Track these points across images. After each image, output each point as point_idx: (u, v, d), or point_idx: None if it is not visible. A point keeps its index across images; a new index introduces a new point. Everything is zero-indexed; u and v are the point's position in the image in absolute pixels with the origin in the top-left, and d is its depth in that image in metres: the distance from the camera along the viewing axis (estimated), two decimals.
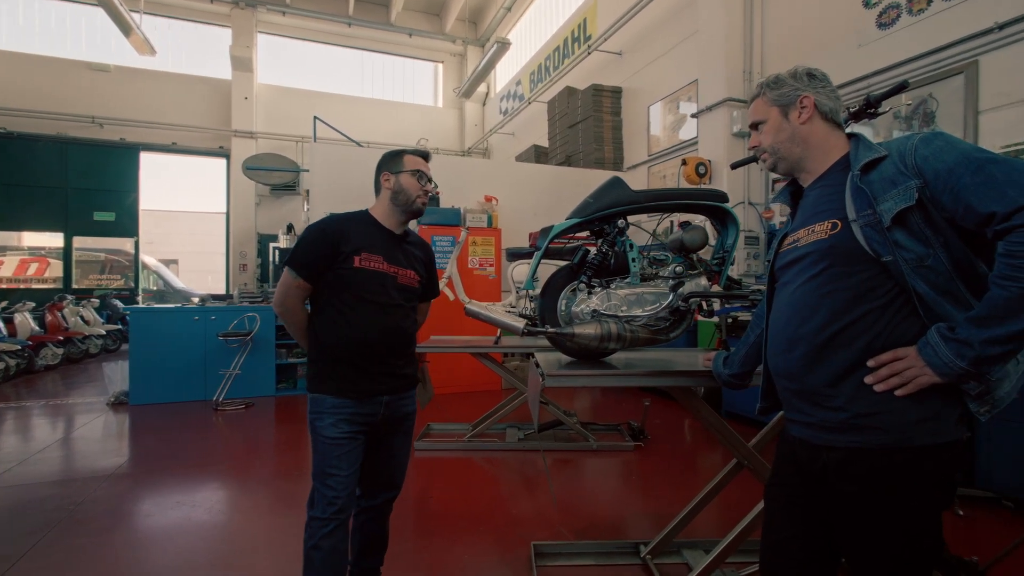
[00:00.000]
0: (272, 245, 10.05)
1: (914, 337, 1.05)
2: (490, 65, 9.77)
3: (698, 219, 3.00)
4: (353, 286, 1.69)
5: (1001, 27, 3.45)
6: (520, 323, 1.85)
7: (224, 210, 11.85)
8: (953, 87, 3.72)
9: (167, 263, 14.21)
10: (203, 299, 6.07)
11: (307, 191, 8.09)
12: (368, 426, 1.73)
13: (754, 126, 1.34)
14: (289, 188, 11.04)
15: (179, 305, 5.99)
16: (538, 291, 2.08)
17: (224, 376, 5.36)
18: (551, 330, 1.89)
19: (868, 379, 1.07)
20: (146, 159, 11.18)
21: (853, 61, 4.38)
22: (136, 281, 11.01)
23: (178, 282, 12.76)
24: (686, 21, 6.25)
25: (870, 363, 1.07)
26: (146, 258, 11.81)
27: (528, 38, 11.22)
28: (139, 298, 11.03)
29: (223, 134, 11.31)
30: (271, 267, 9.83)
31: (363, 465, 1.75)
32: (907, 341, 1.06)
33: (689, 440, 4.33)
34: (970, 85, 3.64)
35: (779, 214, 5.07)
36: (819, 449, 1.15)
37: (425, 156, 1.86)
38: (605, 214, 2.09)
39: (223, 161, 11.78)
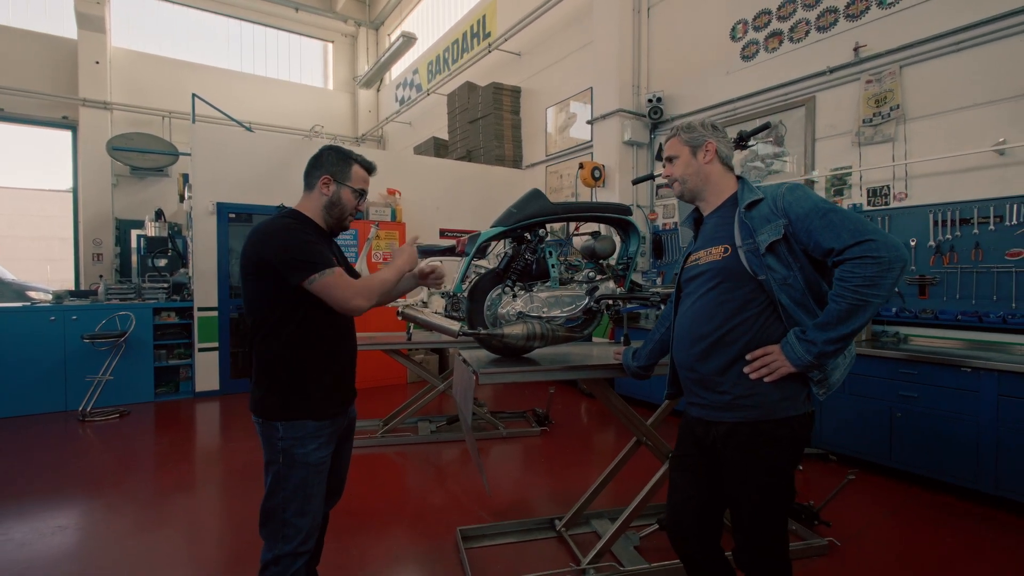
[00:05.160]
0: (136, 232, 8.90)
1: (779, 337, 1.40)
2: (394, 57, 9.55)
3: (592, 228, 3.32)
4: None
5: (832, 71, 4.21)
6: (455, 326, 1.98)
7: (70, 189, 10.27)
8: (798, 116, 4.47)
9: None
10: (59, 296, 5.31)
11: (183, 175, 7.35)
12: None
13: (669, 159, 1.64)
14: (156, 170, 9.86)
15: (29, 303, 5.18)
16: (458, 292, 2.26)
17: (92, 383, 4.79)
18: (483, 332, 2.05)
19: (746, 369, 1.40)
20: None
21: (722, 86, 5.04)
22: None
23: (7, 273, 10.79)
24: (582, 32, 6.66)
25: (748, 357, 1.40)
26: None
27: (426, 26, 11.07)
28: None
29: (68, 103, 9.75)
30: (134, 257, 8.72)
31: None
32: (774, 340, 1.40)
33: (586, 421, 4.76)
34: (809, 116, 4.40)
35: (662, 216, 5.69)
36: (711, 424, 1.47)
37: (372, 171, 1.75)
38: (527, 223, 2.31)
39: (68, 134, 10.19)
